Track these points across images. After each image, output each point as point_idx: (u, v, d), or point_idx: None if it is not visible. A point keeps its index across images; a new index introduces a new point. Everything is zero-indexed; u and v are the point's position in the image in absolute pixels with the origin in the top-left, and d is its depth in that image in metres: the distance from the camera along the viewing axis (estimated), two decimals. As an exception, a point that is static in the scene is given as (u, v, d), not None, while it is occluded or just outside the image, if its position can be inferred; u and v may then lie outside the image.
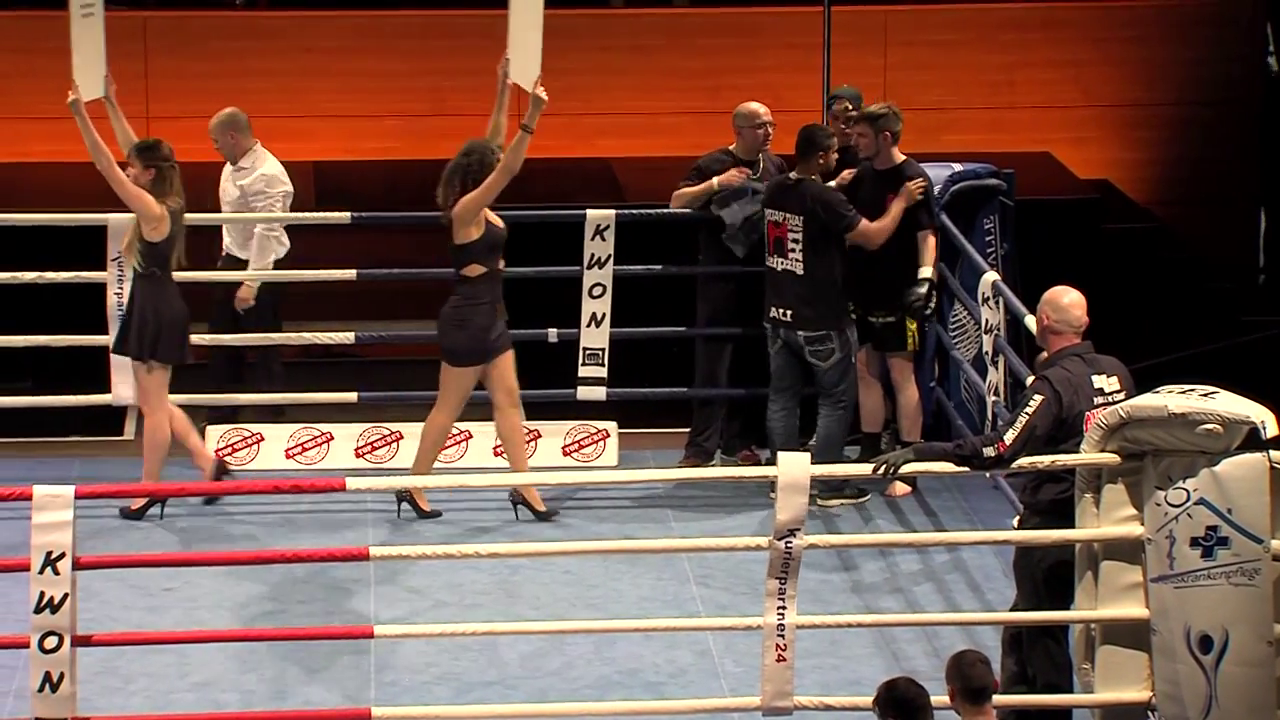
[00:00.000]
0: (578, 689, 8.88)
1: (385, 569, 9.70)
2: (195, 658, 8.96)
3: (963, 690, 7.23)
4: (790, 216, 10.41)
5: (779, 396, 10.57)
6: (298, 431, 11.01)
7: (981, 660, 7.32)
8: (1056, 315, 8.28)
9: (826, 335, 10.42)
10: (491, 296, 10.15)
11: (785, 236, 10.42)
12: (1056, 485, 8.22)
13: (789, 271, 10.43)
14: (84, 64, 10.46)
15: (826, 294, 10.40)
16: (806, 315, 10.39)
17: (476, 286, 10.10)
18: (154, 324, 10.07)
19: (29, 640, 7.86)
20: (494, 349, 10.18)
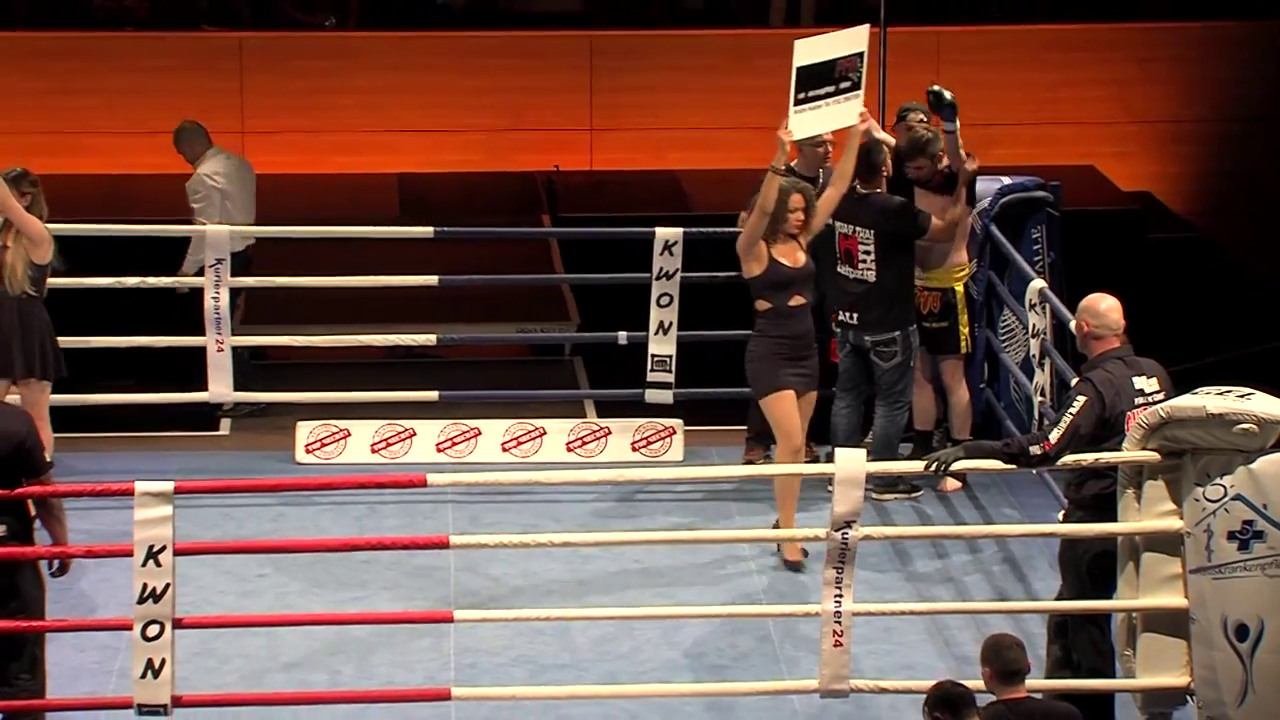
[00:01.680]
0: (646, 671, 8.88)
1: (464, 557, 9.70)
2: (286, 640, 8.98)
3: (999, 672, 7.24)
4: (860, 230, 10.33)
5: (844, 395, 10.54)
6: (382, 428, 11.02)
7: (1017, 644, 7.32)
8: (1096, 321, 8.26)
9: (892, 339, 10.37)
10: (781, 332, 9.69)
11: (855, 248, 10.34)
12: (1100, 481, 8.19)
13: (860, 280, 10.35)
14: None
15: (894, 300, 10.33)
16: (872, 319, 10.32)
17: (764, 320, 9.74)
18: (45, 344, 9.92)
19: (131, 623, 7.90)
20: (782, 384, 9.67)
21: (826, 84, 9.76)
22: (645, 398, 11.00)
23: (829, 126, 10.06)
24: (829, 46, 9.78)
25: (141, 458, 10.75)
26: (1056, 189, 11.18)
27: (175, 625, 7.91)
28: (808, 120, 9.79)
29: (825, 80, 9.75)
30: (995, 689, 7.23)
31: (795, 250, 9.75)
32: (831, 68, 9.76)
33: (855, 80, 9.84)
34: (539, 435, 11.03)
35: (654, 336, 10.95)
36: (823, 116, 9.85)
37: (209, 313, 10.74)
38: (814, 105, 9.75)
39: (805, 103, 9.71)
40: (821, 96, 9.76)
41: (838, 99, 9.81)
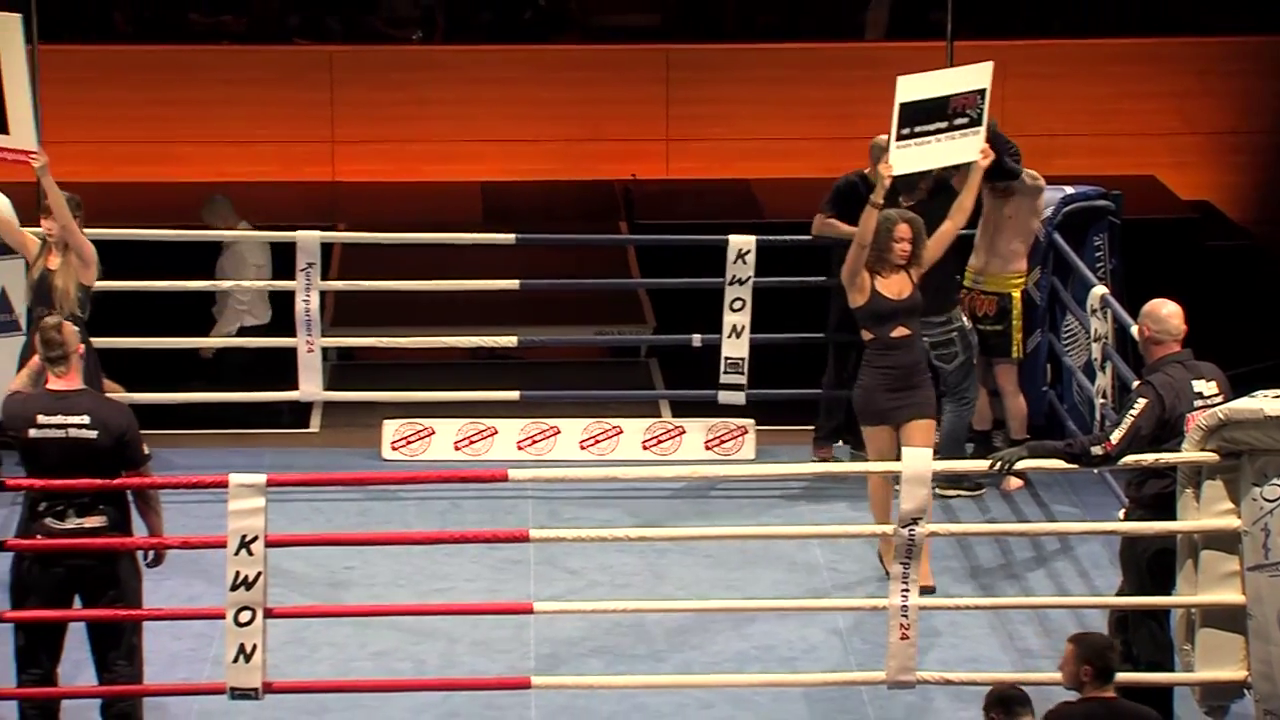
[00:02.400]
0: (718, 662, 8.87)
1: (544, 551, 9.71)
2: (373, 630, 9.01)
3: (1099, 670, 7.20)
4: None
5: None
6: (465, 426, 11.04)
7: (1114, 646, 7.34)
8: (1157, 326, 8.22)
9: (950, 339, 10.33)
10: (885, 363, 9.35)
11: None
12: (1160, 481, 8.15)
13: None
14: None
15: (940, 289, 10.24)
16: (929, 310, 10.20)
17: (869, 351, 9.45)
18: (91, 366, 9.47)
19: (224, 612, 7.93)
20: (881, 419, 9.35)
21: (936, 120, 9.52)
22: (718, 399, 10.98)
23: (936, 163, 9.81)
24: (938, 83, 9.54)
25: (235, 453, 10.79)
26: (1118, 198, 11.14)
27: (266, 614, 7.94)
28: (911, 156, 9.55)
29: (935, 116, 9.51)
30: (1089, 686, 7.19)
31: (902, 281, 9.40)
32: (944, 104, 9.52)
33: (974, 116, 9.59)
34: (616, 434, 11.03)
35: (727, 340, 10.93)
36: (929, 153, 9.58)
37: (299, 315, 10.78)
38: (920, 141, 9.51)
39: (910, 138, 9.48)
40: (931, 133, 9.52)
41: (951, 135, 9.57)
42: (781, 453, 11.04)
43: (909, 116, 9.50)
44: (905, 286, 9.40)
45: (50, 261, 9.61)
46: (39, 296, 9.58)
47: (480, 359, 12.78)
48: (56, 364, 7.99)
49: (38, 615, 7.95)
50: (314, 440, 11.36)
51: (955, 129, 9.61)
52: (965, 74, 9.66)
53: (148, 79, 14.76)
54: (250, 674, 7.93)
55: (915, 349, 9.46)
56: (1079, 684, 7.22)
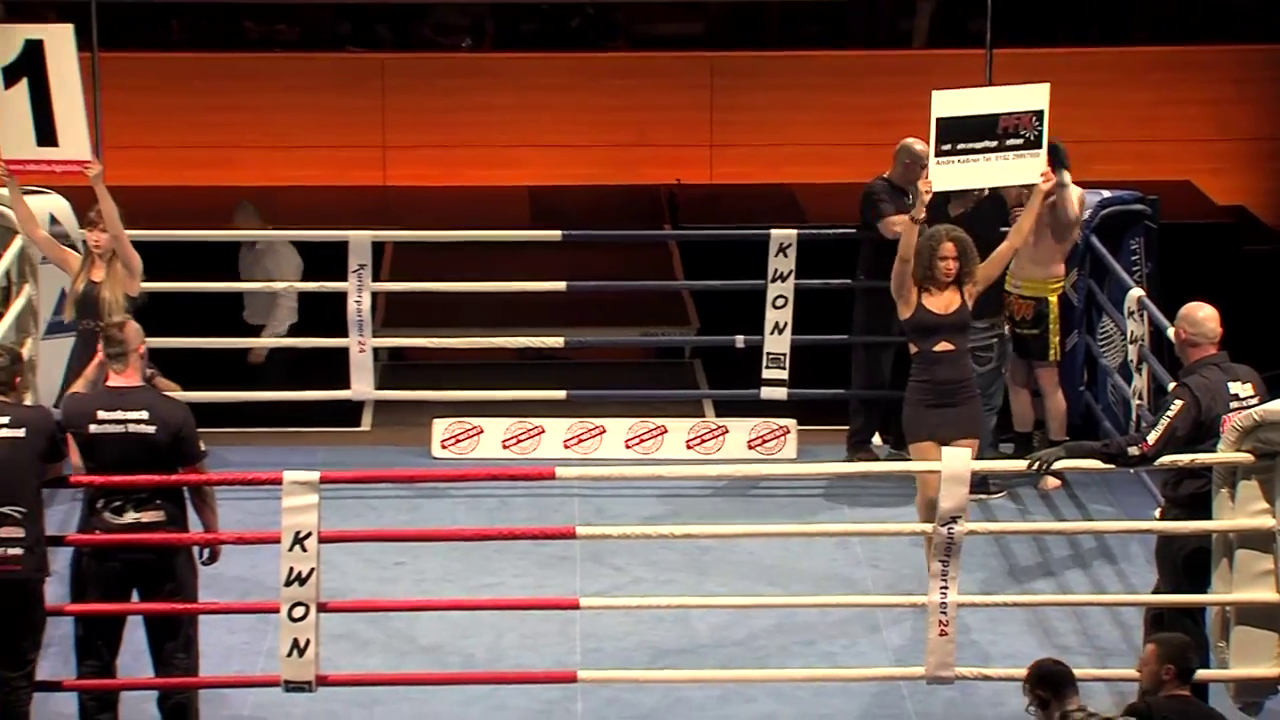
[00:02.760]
0: (761, 657, 8.86)
1: (589, 547, 9.72)
2: (423, 624, 9.03)
3: (1182, 670, 7.18)
4: None
5: None
6: (513, 425, 11.06)
7: (1193, 646, 7.31)
8: (1193, 329, 8.19)
9: (990, 344, 10.30)
10: (925, 377, 9.22)
11: None
12: (1195, 481, 8.12)
13: None
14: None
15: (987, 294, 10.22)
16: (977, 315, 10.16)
17: (914, 365, 9.32)
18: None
19: (278, 606, 7.95)
20: (922, 435, 9.17)
21: (984, 138, 9.34)
22: (760, 394, 10.98)
23: (984, 182, 9.63)
24: (982, 100, 9.36)
25: (289, 451, 10.82)
26: (1154, 203, 11.11)
27: (319, 609, 7.96)
28: (952, 173, 9.38)
29: (982, 134, 9.33)
30: (1170, 685, 7.16)
31: (951, 297, 9.22)
32: (992, 122, 9.33)
33: (1031, 138, 9.37)
34: (660, 433, 11.04)
35: (769, 336, 10.93)
36: (975, 171, 9.39)
37: (351, 315, 10.81)
38: (965, 158, 9.33)
39: (951, 154, 9.32)
40: (978, 151, 9.34)
41: (1003, 155, 9.37)
42: (823, 452, 11.02)
43: (949, 132, 9.33)
44: (953, 302, 9.24)
45: (94, 274, 9.53)
46: (85, 309, 9.51)
47: (528, 359, 12.79)
48: (116, 361, 8.01)
49: (97, 608, 7.99)
50: (365, 439, 11.39)
51: (1008, 149, 9.40)
52: (1016, 94, 9.45)
53: (204, 86, 14.81)
54: (304, 667, 7.96)
55: (960, 364, 9.27)
56: (1159, 683, 7.17)
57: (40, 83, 9.39)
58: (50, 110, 9.44)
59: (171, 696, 8.06)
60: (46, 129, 9.43)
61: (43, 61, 9.37)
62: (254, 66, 15.02)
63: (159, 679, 8.06)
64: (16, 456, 7.68)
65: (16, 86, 9.39)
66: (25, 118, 9.43)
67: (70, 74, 9.39)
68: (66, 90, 9.41)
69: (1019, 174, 9.53)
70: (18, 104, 9.42)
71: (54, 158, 9.49)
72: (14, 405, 7.83)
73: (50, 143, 9.47)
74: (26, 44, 9.38)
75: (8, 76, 9.40)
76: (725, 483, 10.57)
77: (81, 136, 9.44)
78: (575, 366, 12.70)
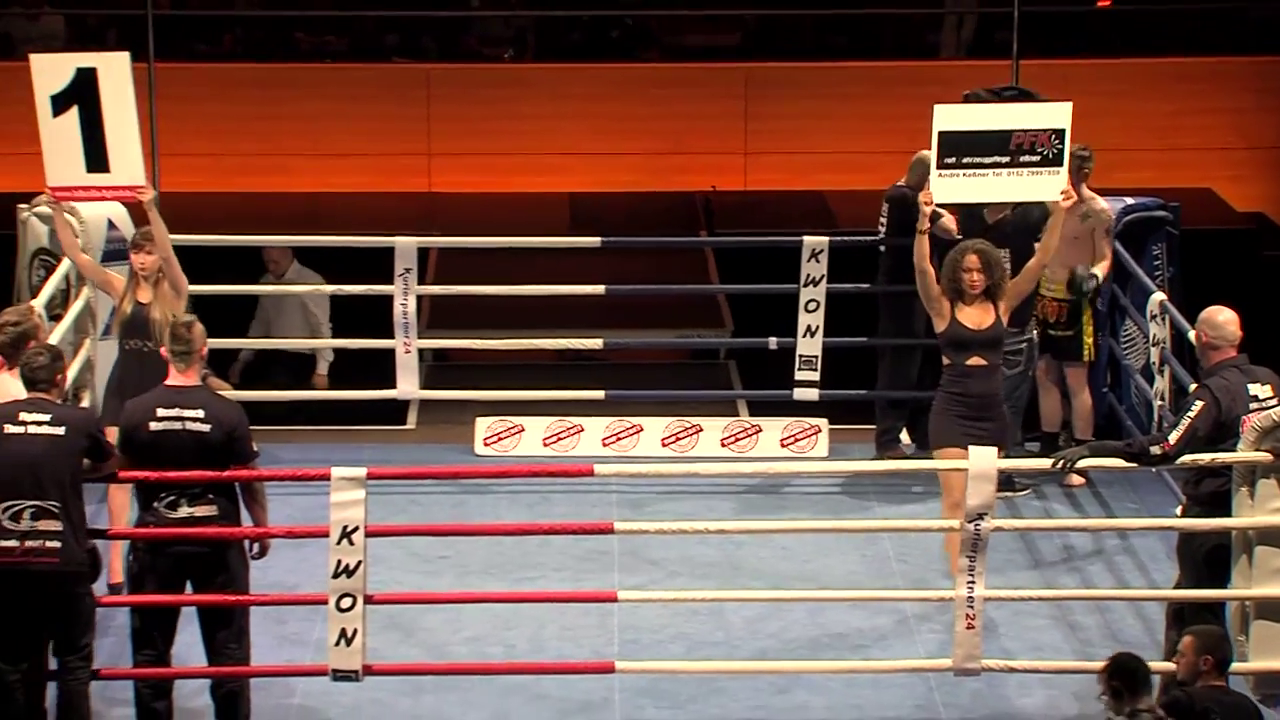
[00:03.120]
0: (793, 649, 8.86)
1: (627, 542, 9.72)
2: (466, 616, 9.04)
3: (1220, 661, 7.19)
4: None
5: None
6: (553, 423, 11.07)
7: (1228, 638, 7.34)
8: (1214, 332, 8.17)
9: (1020, 349, 10.28)
10: (957, 390, 9.01)
11: None
12: (1216, 480, 8.11)
13: None
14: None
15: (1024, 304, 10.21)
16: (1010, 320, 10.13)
17: (945, 376, 9.13)
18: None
19: (326, 598, 7.98)
20: (949, 442, 8.94)
21: (994, 154, 9.12)
22: (793, 395, 10.97)
23: (993, 197, 9.42)
24: (990, 116, 9.14)
25: (337, 448, 10.85)
26: (1176, 209, 11.08)
27: (366, 601, 7.99)
28: (956, 186, 9.16)
29: (991, 150, 9.11)
30: (1207, 676, 7.16)
31: (984, 311, 9.02)
32: (1004, 138, 9.10)
33: (1048, 156, 9.11)
34: (696, 432, 11.04)
35: (801, 339, 10.93)
36: (982, 185, 9.17)
37: (397, 317, 10.83)
38: (971, 172, 9.13)
39: (955, 168, 9.12)
40: (987, 165, 9.14)
41: (1015, 170, 9.13)
42: (853, 450, 11.02)
43: (954, 146, 9.12)
44: (987, 317, 9.03)
45: (140, 294, 9.26)
46: (133, 329, 9.22)
47: (567, 360, 12.81)
48: (180, 360, 8.04)
49: (152, 600, 8.02)
50: (411, 436, 11.41)
51: (1021, 165, 9.16)
52: (1033, 111, 9.24)
53: (256, 95, 14.85)
54: (351, 657, 7.98)
55: (992, 379, 9.05)
56: (1196, 674, 7.16)
57: (92, 110, 9.21)
58: (102, 136, 9.24)
59: (224, 685, 8.08)
60: (98, 155, 9.23)
61: (95, 89, 9.19)
62: (304, 76, 15.06)
63: (212, 668, 8.09)
64: (55, 453, 7.71)
65: (65, 115, 9.22)
66: (74, 145, 9.22)
67: (125, 100, 9.21)
68: (121, 116, 9.21)
69: (1037, 191, 9.28)
70: (66, 132, 9.23)
71: (105, 184, 9.31)
72: (56, 404, 7.86)
73: (101, 169, 9.26)
74: (78, 72, 9.20)
75: (56, 105, 9.22)
76: (758, 480, 10.57)
77: (135, 162, 9.27)
78: (613, 367, 12.70)
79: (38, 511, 7.67)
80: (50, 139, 9.22)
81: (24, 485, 7.66)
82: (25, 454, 7.68)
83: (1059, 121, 9.18)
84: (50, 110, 9.20)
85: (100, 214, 10.16)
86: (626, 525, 8.89)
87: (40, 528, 7.67)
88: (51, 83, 9.18)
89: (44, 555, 7.68)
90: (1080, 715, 8.39)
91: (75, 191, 9.35)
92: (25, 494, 7.67)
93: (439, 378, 11.78)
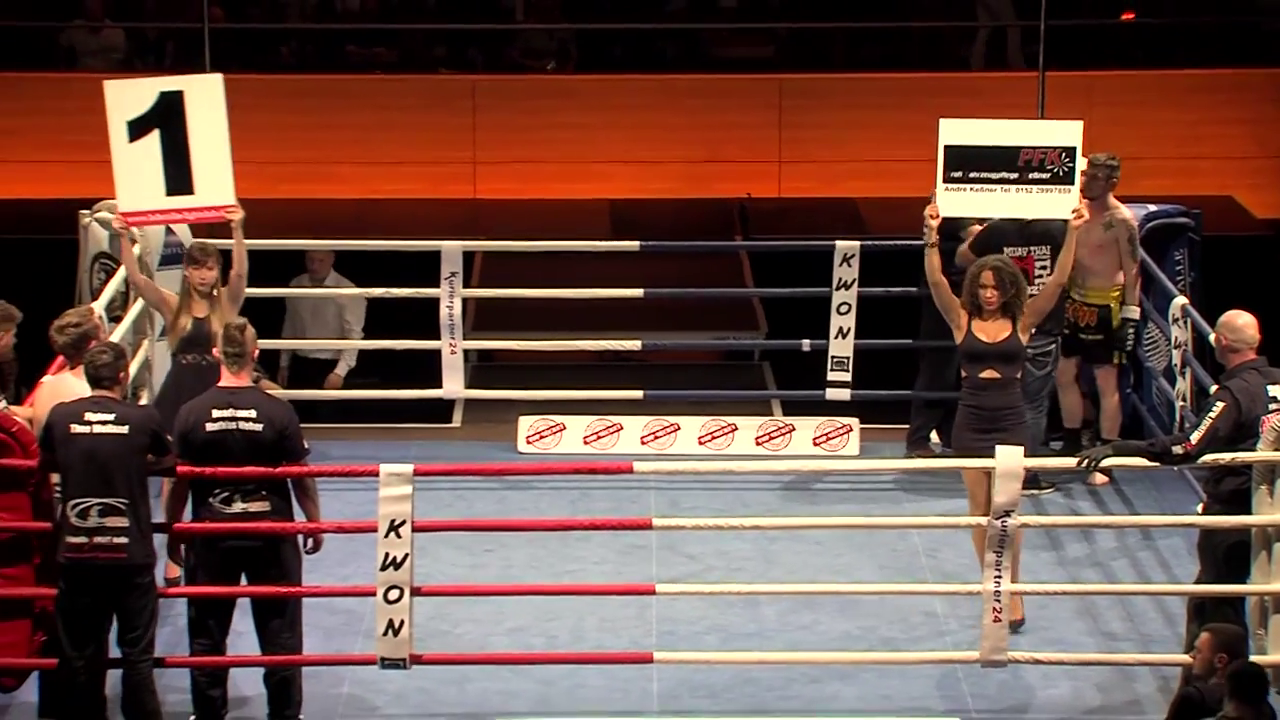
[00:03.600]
0: (825, 641, 8.84)
1: (665, 537, 9.71)
2: (509, 608, 9.03)
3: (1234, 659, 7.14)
4: (1036, 249, 10.08)
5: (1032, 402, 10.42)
6: (593, 422, 11.06)
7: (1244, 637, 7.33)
8: (1233, 336, 8.14)
9: (1048, 351, 10.25)
10: (972, 403, 8.83)
11: (1031, 266, 10.08)
12: (1236, 478, 8.07)
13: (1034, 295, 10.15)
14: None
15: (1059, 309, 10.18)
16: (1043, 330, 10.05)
17: (964, 389, 8.97)
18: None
19: (375, 590, 7.98)
20: (971, 454, 8.68)
21: (1001, 169, 8.94)
22: (825, 395, 10.95)
23: (1002, 212, 9.22)
24: (997, 132, 8.94)
25: (385, 446, 10.85)
26: (1197, 216, 11.03)
27: (413, 593, 7.98)
28: (964, 200, 8.99)
29: (1000, 165, 8.94)
30: (1221, 673, 7.11)
31: (1002, 326, 8.81)
32: (1012, 155, 8.92)
33: (1059, 173, 8.89)
34: (731, 431, 11.02)
35: (834, 340, 10.90)
36: (989, 200, 9.00)
37: (444, 319, 10.84)
38: (978, 187, 8.96)
39: (962, 182, 8.96)
40: (994, 181, 8.96)
41: (1024, 187, 8.95)
42: (883, 449, 10.99)
43: (961, 160, 8.96)
44: (1004, 330, 8.84)
45: (196, 310, 9.06)
46: (192, 344, 9.01)
47: (607, 361, 12.79)
48: (233, 361, 8.06)
49: (208, 591, 8.04)
50: (456, 434, 11.41)
51: (1030, 182, 8.98)
52: (1043, 128, 9.06)
53: (309, 105, 14.87)
54: (399, 646, 7.98)
55: (1007, 393, 8.83)
56: (1211, 671, 7.12)
57: (176, 132, 8.90)
58: (187, 158, 8.91)
59: (277, 673, 8.10)
60: (181, 178, 8.93)
61: (181, 111, 8.90)
62: (355, 88, 15.08)
63: (265, 656, 8.10)
64: (120, 451, 7.73)
65: (143, 139, 8.88)
66: (152, 169, 8.89)
67: (217, 122, 8.93)
68: (211, 137, 8.92)
69: (1047, 208, 9.08)
70: (144, 157, 8.90)
71: (188, 205, 9.02)
72: (119, 403, 7.88)
73: (184, 191, 8.99)
74: (161, 96, 8.92)
75: (133, 130, 8.92)
76: (792, 477, 10.55)
77: (225, 182, 9.00)
78: (651, 368, 12.69)
79: (105, 509, 7.69)
80: (124, 163, 8.95)
81: (91, 483, 7.68)
82: (91, 453, 7.70)
83: (1069, 139, 8.98)
84: (126, 135, 8.93)
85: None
86: (664, 521, 8.90)
87: (107, 524, 7.70)
88: (129, 108, 8.93)
89: (111, 550, 7.70)
90: (1103, 706, 8.36)
91: (150, 216, 9.11)
92: (92, 492, 7.69)
93: (484, 378, 11.77)
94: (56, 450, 7.75)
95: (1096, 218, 10.37)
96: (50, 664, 7.86)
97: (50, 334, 8.53)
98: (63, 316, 8.55)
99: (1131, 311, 10.41)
